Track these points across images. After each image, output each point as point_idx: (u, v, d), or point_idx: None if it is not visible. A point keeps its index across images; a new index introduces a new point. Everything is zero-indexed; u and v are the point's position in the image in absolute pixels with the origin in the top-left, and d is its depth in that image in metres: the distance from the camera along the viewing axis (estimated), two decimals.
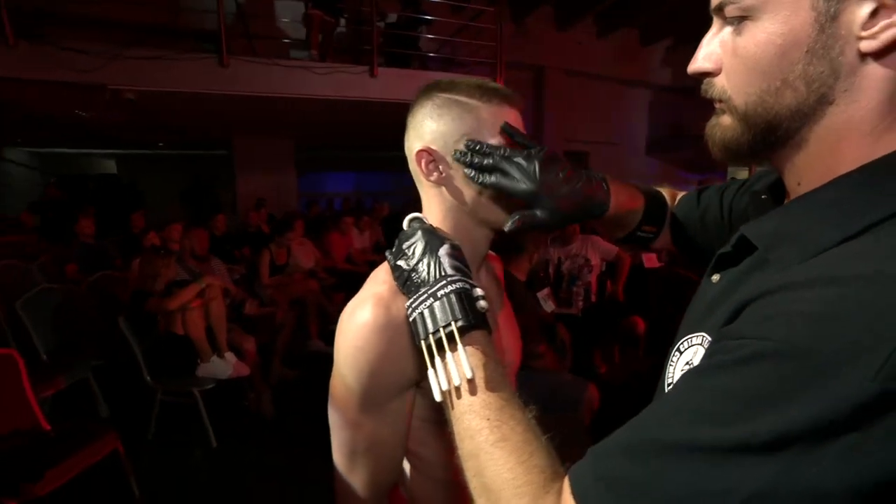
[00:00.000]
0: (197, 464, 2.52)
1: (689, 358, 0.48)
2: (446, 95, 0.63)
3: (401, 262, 0.58)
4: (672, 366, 0.50)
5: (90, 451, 2.00)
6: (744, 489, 0.31)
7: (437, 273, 0.54)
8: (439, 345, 0.51)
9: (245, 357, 2.91)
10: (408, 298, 0.55)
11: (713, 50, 0.45)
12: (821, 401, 0.30)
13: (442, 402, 0.51)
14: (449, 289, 0.52)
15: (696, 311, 0.51)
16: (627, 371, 3.29)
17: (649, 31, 8.19)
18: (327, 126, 6.14)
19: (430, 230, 0.60)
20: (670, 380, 0.49)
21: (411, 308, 0.54)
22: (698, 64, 0.46)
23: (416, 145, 0.65)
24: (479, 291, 0.55)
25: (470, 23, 5.46)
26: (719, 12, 0.44)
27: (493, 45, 4.93)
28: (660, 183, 0.87)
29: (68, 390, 2.78)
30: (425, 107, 0.64)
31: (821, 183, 0.42)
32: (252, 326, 3.30)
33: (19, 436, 2.05)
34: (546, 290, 2.98)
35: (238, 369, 2.73)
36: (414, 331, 0.54)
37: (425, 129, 0.64)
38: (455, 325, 0.50)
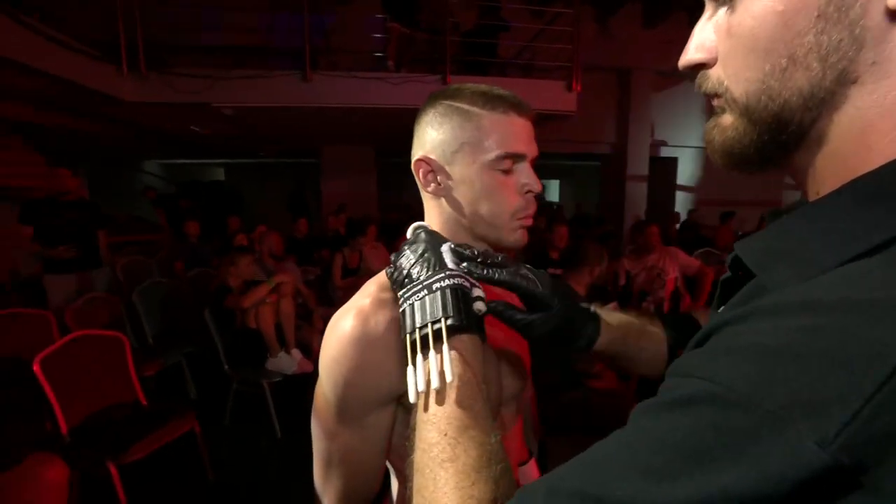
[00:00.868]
0: (262, 452, 2.69)
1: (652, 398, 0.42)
2: (448, 102, 0.61)
3: (402, 260, 0.54)
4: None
5: (173, 427, 2.25)
6: None
7: (437, 266, 0.51)
8: (424, 341, 0.47)
9: (312, 355, 3.09)
10: (400, 290, 0.52)
11: (706, 37, 0.37)
12: (756, 466, 0.24)
13: (408, 409, 0.49)
14: (445, 283, 0.49)
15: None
16: None
17: None
18: (407, 134, 6.35)
19: (433, 232, 0.58)
20: None
21: (403, 298, 0.51)
22: (689, 56, 0.38)
23: (416, 154, 0.63)
24: (478, 292, 0.51)
25: (547, 27, 5.34)
26: None
27: (568, 48, 4.76)
28: (766, 188, 0.77)
29: (168, 372, 3.15)
30: (428, 114, 0.63)
31: None
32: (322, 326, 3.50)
33: (122, 408, 2.36)
34: (612, 305, 2.78)
35: (303, 366, 2.90)
36: (401, 323, 0.50)
37: (426, 138, 0.62)
38: (444, 322, 0.47)
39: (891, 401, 0.22)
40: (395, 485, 0.73)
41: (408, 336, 0.49)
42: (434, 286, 0.49)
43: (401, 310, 0.51)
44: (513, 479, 0.42)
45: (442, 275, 0.49)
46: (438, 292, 0.48)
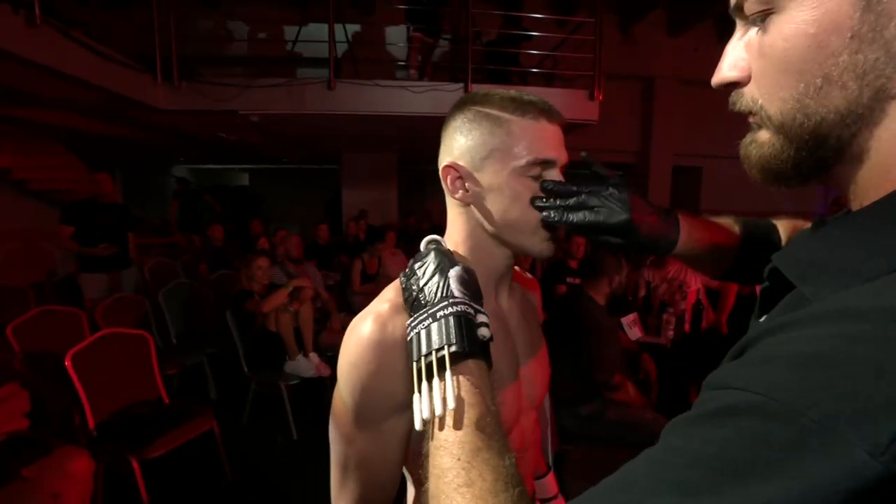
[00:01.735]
0: (278, 451, 2.73)
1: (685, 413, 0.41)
2: (478, 108, 0.61)
3: (412, 281, 0.56)
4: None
5: (193, 425, 2.29)
6: None
7: (443, 293, 0.52)
8: (429, 369, 0.48)
9: (330, 357, 3.12)
10: (410, 317, 0.54)
11: (738, 56, 0.38)
12: (804, 478, 0.23)
13: (423, 432, 0.48)
14: (449, 311, 0.50)
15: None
16: None
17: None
18: (430, 142, 6.40)
19: (444, 252, 0.58)
20: None
21: (410, 327, 0.52)
22: (722, 74, 0.39)
23: (444, 160, 0.63)
24: (482, 318, 0.52)
25: (570, 35, 5.32)
26: (739, 12, 0.37)
27: (591, 56, 4.74)
28: (794, 198, 0.77)
29: (190, 372, 3.23)
30: (457, 119, 0.62)
31: None
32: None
33: (146, 405, 2.42)
34: (632, 315, 2.74)
35: (320, 369, 2.93)
36: (409, 351, 0.52)
37: (454, 144, 0.62)
38: (448, 349, 0.48)
39: None
40: (410, 492, 0.73)
41: (414, 364, 0.50)
42: (438, 314, 0.50)
43: (408, 339, 0.52)
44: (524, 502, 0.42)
45: (446, 303, 0.50)
46: (443, 320, 0.49)
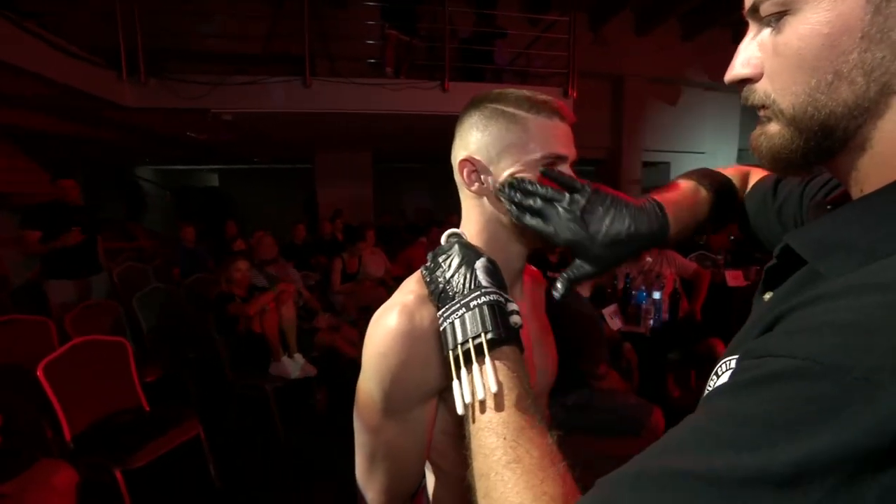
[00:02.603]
0: (264, 455, 2.70)
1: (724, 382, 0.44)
2: (494, 106, 0.63)
3: (437, 273, 0.58)
4: (708, 391, 0.45)
5: (177, 432, 2.24)
6: None
7: (472, 284, 0.54)
8: (467, 356, 0.50)
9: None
10: (440, 309, 0.55)
11: (751, 54, 0.41)
12: (855, 425, 0.25)
13: (463, 415, 0.50)
14: (482, 300, 0.52)
15: (741, 333, 0.46)
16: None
17: (743, 30, 7.56)
18: (405, 140, 6.39)
19: (467, 244, 0.60)
20: None
21: (442, 318, 0.54)
22: (735, 71, 0.42)
23: (459, 154, 0.65)
24: (513, 306, 0.54)
25: (542, 34, 5.41)
26: (755, 14, 0.40)
27: (565, 55, 4.84)
28: None
29: (169, 378, 3.13)
30: (473, 116, 0.64)
31: None
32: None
33: (126, 413, 2.34)
34: (613, 306, 2.82)
35: (306, 370, 2.90)
36: (443, 340, 0.53)
37: (470, 139, 0.64)
38: (485, 336, 0.49)
39: None
40: (430, 480, 0.74)
41: (450, 353, 0.51)
42: (472, 304, 0.52)
43: (441, 328, 0.54)
44: (572, 479, 0.44)
45: (479, 292, 0.52)
46: (476, 309, 0.51)
